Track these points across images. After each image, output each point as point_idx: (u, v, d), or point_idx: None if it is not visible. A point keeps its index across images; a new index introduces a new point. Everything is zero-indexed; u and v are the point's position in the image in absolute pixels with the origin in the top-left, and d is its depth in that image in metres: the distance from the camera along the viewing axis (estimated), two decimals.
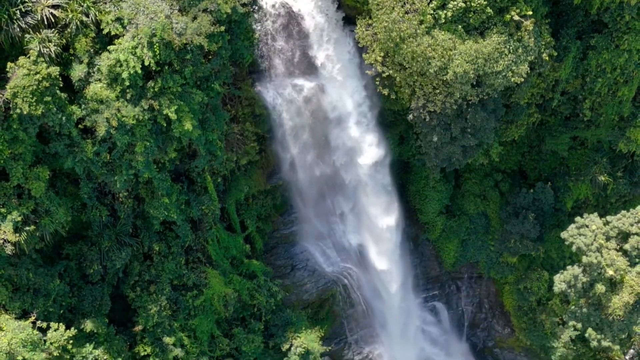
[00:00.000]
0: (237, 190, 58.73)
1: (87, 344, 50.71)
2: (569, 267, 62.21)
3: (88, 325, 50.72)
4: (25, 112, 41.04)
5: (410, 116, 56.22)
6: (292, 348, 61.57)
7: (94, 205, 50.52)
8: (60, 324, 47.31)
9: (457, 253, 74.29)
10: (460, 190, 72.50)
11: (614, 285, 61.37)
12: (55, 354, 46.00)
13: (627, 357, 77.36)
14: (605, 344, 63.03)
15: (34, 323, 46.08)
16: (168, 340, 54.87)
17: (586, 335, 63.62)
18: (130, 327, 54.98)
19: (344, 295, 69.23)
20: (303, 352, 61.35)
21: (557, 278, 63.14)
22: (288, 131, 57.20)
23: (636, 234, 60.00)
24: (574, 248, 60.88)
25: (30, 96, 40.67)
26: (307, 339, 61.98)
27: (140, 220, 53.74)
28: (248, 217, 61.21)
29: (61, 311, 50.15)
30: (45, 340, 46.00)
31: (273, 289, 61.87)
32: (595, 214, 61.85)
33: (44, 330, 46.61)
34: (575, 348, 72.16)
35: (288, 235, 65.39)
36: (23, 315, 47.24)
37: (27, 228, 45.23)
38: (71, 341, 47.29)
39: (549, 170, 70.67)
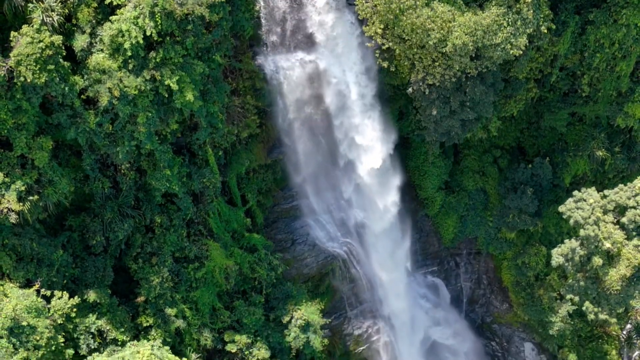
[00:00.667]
0: (238, 164, 59.19)
1: (90, 314, 51.23)
2: (566, 240, 62.83)
3: (91, 296, 51.24)
4: (28, 80, 41.45)
5: (410, 89, 56.65)
6: (293, 320, 62.10)
7: (97, 177, 51.00)
8: (64, 292, 47.85)
9: (456, 229, 74.93)
10: (459, 167, 73.03)
11: (611, 258, 61.94)
12: (59, 321, 46.55)
13: (624, 332, 78.21)
14: (602, 316, 63.62)
15: (38, 291, 46.63)
16: (170, 311, 55.39)
17: (583, 308, 64.21)
18: (132, 299, 55.53)
19: (344, 270, 69.83)
20: (303, 324, 61.92)
21: (555, 251, 63.70)
22: (288, 104, 57.58)
23: (633, 207, 60.47)
24: (571, 222, 61.39)
25: (34, 64, 41.08)
26: (308, 312, 62.55)
27: (142, 193, 54.22)
28: (249, 190, 61.70)
29: (64, 281, 50.59)
30: (49, 308, 46.57)
31: (274, 262, 62.43)
32: (593, 188, 62.37)
33: (47, 299, 47.18)
34: (572, 323, 72.99)
35: (288, 209, 65.88)
36: (27, 284, 47.76)
37: (31, 198, 45.70)
38: (74, 309, 47.79)
39: (547, 146, 71.17)
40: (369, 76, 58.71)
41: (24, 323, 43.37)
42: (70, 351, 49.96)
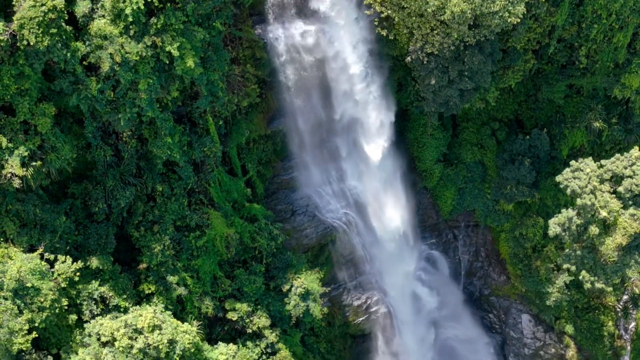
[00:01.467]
0: (238, 134, 59.68)
1: (93, 281, 51.95)
2: (563, 210, 63.52)
3: (94, 262, 51.87)
4: (31, 44, 41.91)
5: (409, 58, 57.09)
6: (293, 289, 62.77)
7: (99, 144, 51.56)
8: (67, 257, 48.48)
9: (454, 201, 75.58)
10: (458, 139, 73.60)
11: (607, 227, 62.66)
12: (62, 285, 47.20)
13: (620, 304, 78.98)
14: (598, 285, 64.37)
15: (41, 256, 47.23)
16: (171, 279, 56.03)
17: (580, 277, 64.97)
18: (134, 267, 56.20)
19: (344, 241, 70.41)
20: (303, 293, 62.60)
21: (552, 221, 64.44)
22: (288, 74, 57.97)
23: (630, 176, 61.16)
24: (568, 191, 62.07)
25: (37, 27, 41.52)
26: (307, 280, 63.26)
27: (143, 162, 54.79)
28: (249, 161, 62.23)
29: (67, 248, 51.12)
30: (53, 272, 47.22)
31: (274, 232, 63.01)
32: (590, 158, 63.06)
33: (51, 263, 47.82)
34: (569, 293, 73.72)
35: (288, 180, 66.37)
36: (30, 250, 48.37)
37: (34, 163, 46.29)
38: (78, 274, 48.42)
39: (545, 119, 71.71)
40: (368, 47, 59.23)
41: (29, 284, 43.99)
42: (74, 316, 50.79)
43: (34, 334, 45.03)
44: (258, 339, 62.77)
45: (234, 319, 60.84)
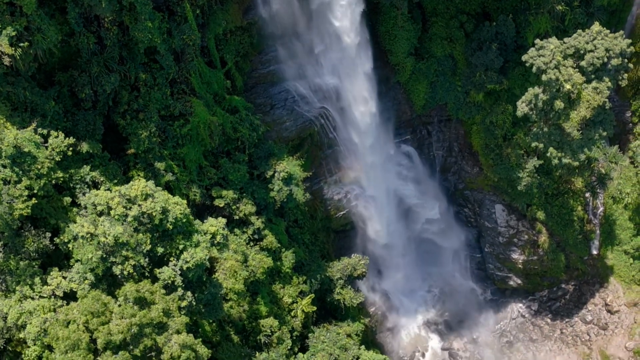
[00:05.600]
0: (215, 24, 61.55)
1: (85, 166, 53.99)
2: (530, 88, 66.48)
3: (84, 147, 53.89)
4: None
5: None
6: (276, 174, 65.20)
7: (82, 32, 53.23)
8: (60, 132, 50.51)
9: (427, 95, 78.25)
10: (428, 34, 76.01)
11: (572, 102, 65.82)
12: (57, 158, 49.23)
13: (589, 192, 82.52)
14: (565, 161, 67.77)
15: (35, 131, 49.11)
16: (159, 165, 58.17)
17: (548, 154, 68.30)
18: (123, 156, 58.29)
19: (322, 135, 72.82)
20: (286, 177, 64.99)
21: (520, 102, 67.50)
22: None
23: (591, 50, 64.19)
24: (534, 69, 64.97)
25: None
26: (289, 165, 65.65)
27: (125, 51, 56.53)
28: (227, 52, 64.16)
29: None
30: (47, 147, 49.23)
31: (255, 122, 65.21)
32: (554, 37, 65.86)
33: (45, 138, 49.76)
34: (539, 178, 76.94)
35: (266, 74, 68.41)
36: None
37: (22, 44, 48.01)
38: (70, 149, 50.43)
39: (510, 8, 74.14)
40: None
41: (26, 150, 45.94)
42: (68, 199, 52.92)
43: (34, 201, 47.18)
44: (245, 226, 65.41)
45: (221, 205, 63.26)
